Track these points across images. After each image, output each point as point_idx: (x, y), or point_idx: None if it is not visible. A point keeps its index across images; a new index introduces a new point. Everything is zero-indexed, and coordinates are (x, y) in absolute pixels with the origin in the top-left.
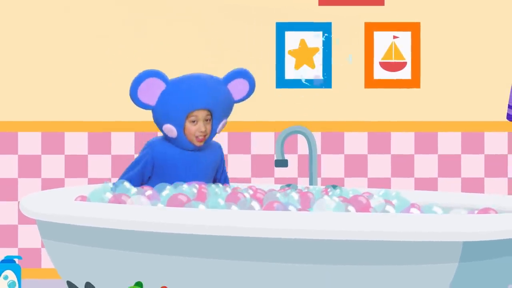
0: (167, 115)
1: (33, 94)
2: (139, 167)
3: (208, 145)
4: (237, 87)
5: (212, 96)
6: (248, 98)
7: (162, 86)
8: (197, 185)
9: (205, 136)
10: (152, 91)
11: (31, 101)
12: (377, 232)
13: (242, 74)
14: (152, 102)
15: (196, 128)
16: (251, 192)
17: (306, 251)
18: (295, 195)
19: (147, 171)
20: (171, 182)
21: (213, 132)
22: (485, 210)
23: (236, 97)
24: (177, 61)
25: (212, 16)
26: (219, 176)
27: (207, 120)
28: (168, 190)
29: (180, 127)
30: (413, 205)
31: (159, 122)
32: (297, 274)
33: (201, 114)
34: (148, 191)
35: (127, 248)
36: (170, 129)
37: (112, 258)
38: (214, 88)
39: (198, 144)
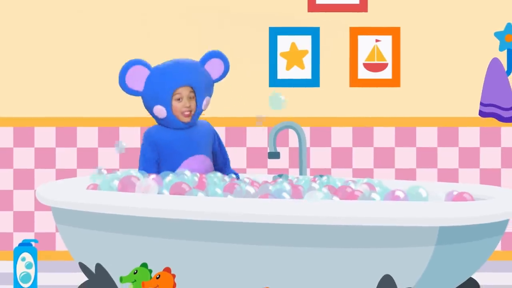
0: (155, 96)
1: (48, 92)
2: (146, 156)
3: (198, 123)
4: (214, 67)
5: (192, 74)
6: (224, 78)
7: (146, 72)
8: (198, 174)
9: (190, 111)
10: (138, 78)
11: (46, 99)
12: (360, 218)
13: (217, 54)
14: (140, 87)
15: (181, 104)
16: (247, 181)
17: (297, 235)
18: (286, 186)
19: (154, 155)
20: (172, 160)
21: (198, 108)
22: (460, 194)
23: (214, 76)
24: None
25: (211, 21)
26: (216, 148)
27: (191, 97)
28: (171, 177)
29: (168, 106)
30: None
31: (149, 106)
32: (290, 256)
33: (185, 91)
34: (152, 175)
35: (134, 233)
36: (160, 110)
37: (120, 242)
38: (194, 67)
39: (185, 119)
